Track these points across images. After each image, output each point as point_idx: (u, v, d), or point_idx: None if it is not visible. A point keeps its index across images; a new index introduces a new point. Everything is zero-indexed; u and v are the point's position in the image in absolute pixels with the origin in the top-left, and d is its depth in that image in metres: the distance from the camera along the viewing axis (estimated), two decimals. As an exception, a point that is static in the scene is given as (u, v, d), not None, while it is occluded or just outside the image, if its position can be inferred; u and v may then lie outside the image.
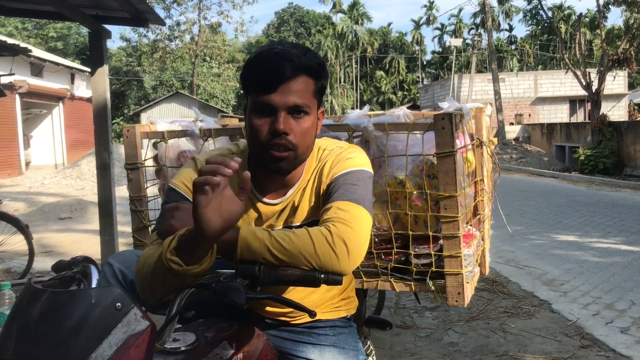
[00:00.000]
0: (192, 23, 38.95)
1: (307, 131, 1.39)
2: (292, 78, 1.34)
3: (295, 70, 1.34)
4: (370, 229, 1.40)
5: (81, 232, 7.87)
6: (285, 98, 1.34)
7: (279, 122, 1.34)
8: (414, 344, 3.66)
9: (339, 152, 1.50)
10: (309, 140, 1.41)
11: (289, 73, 1.33)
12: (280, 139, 1.35)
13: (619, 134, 16.84)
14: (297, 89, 1.35)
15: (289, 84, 1.34)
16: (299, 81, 1.35)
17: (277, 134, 1.34)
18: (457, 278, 1.82)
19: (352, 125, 1.90)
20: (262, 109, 1.36)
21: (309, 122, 1.39)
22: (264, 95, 1.34)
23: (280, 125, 1.34)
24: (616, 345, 3.56)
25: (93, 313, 1.01)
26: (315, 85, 1.40)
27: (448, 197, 1.78)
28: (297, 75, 1.35)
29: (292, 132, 1.36)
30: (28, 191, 13.49)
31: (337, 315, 1.63)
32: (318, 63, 1.40)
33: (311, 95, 1.39)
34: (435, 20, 59.48)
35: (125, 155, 2.23)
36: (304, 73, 1.36)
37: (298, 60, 1.35)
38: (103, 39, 5.03)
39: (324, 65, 1.43)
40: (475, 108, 2.17)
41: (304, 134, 1.38)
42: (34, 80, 18.91)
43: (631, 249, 6.24)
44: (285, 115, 1.35)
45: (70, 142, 21.73)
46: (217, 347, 1.21)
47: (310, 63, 1.38)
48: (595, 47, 34.97)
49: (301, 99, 1.35)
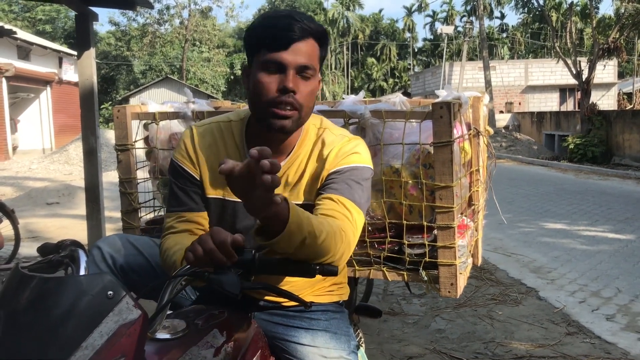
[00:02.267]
0: (182, 7, 38.55)
1: (312, 93, 1.43)
2: (302, 39, 1.38)
3: (306, 32, 1.38)
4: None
5: (69, 217, 7.81)
6: (296, 57, 1.37)
7: (289, 80, 1.36)
8: (402, 331, 3.69)
9: (344, 141, 1.50)
10: (311, 103, 1.44)
11: (301, 33, 1.37)
12: (288, 96, 1.37)
13: (608, 123, 16.94)
14: (306, 50, 1.39)
15: (300, 44, 1.37)
16: (309, 43, 1.39)
17: (286, 91, 1.37)
18: (450, 269, 1.82)
19: (349, 111, 1.87)
20: (272, 67, 1.38)
21: (314, 85, 1.43)
22: (275, 52, 1.37)
23: (290, 83, 1.36)
24: (602, 332, 3.61)
25: (84, 301, 0.99)
26: (320, 51, 1.44)
27: (444, 187, 1.77)
28: (307, 36, 1.39)
29: (299, 91, 1.38)
30: (15, 176, 13.36)
31: (329, 300, 1.63)
32: (324, 30, 1.45)
33: (317, 59, 1.43)
34: (427, 7, 59.29)
35: (116, 136, 2.20)
36: (312, 36, 1.40)
37: (307, 23, 1.39)
38: (90, 21, 4.95)
39: (327, 35, 1.48)
40: (473, 97, 2.15)
41: (309, 95, 1.41)
42: (20, 64, 18.64)
43: (618, 237, 6.30)
44: (294, 74, 1.38)
45: (58, 126, 21.51)
46: (207, 335, 1.21)
47: (317, 28, 1.42)
48: (586, 36, 35.01)
49: (310, 60, 1.39)
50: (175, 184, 1.52)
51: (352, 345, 1.59)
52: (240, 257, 1.21)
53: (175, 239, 1.44)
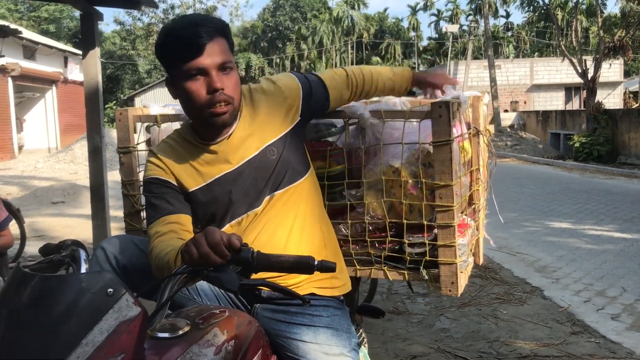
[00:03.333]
0: (187, 7, 38.61)
1: (237, 83, 1.53)
2: (211, 40, 1.46)
3: (211, 33, 1.46)
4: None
5: (74, 217, 7.85)
6: (213, 58, 1.46)
7: (214, 81, 1.46)
8: (406, 330, 3.69)
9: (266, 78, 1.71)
10: (239, 92, 1.56)
11: (207, 36, 1.45)
12: (220, 94, 1.47)
13: (613, 121, 16.87)
14: (219, 48, 1.48)
15: (211, 45, 1.46)
16: (218, 42, 1.48)
17: (216, 90, 1.46)
18: (450, 267, 1.81)
19: (348, 112, 1.87)
20: (195, 74, 1.47)
21: (236, 76, 1.54)
22: (192, 60, 1.45)
23: (217, 83, 1.46)
24: (607, 332, 3.60)
25: (84, 298, 1.00)
26: (228, 43, 1.53)
27: (443, 186, 1.77)
28: (213, 37, 1.47)
29: (226, 87, 1.48)
30: (21, 175, 13.43)
31: (330, 293, 1.65)
32: (224, 24, 1.54)
33: (229, 52, 1.52)
34: (432, 6, 59.12)
35: (118, 138, 2.21)
36: (217, 34, 1.49)
37: (210, 23, 1.48)
38: (95, 21, 4.97)
39: (228, 25, 1.58)
40: (473, 97, 2.14)
41: (235, 86, 1.52)
42: (26, 63, 18.74)
43: (624, 237, 6.28)
44: (217, 72, 1.47)
45: (64, 125, 21.60)
46: (208, 334, 1.21)
47: (219, 24, 1.51)
48: (591, 35, 34.87)
49: (224, 55, 1.49)
50: (151, 196, 1.59)
51: (353, 342, 1.60)
52: (238, 254, 1.21)
53: (164, 242, 1.47)
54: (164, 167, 1.60)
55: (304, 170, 1.67)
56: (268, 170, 1.59)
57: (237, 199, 1.58)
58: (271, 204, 1.59)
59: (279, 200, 1.60)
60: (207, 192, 1.58)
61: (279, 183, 1.60)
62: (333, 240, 1.77)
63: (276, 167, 1.59)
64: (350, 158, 1.94)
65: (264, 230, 1.59)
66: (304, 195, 1.65)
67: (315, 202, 1.71)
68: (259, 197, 1.59)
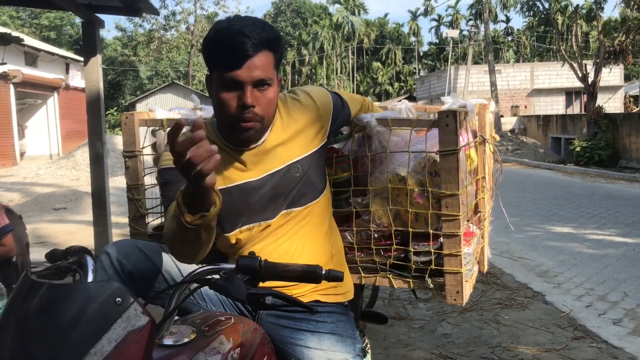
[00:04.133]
0: (188, 13, 38.71)
1: (272, 101, 1.49)
2: (255, 54, 1.42)
3: (257, 47, 1.42)
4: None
5: (76, 223, 7.85)
6: (250, 73, 1.42)
7: (247, 97, 1.43)
8: (408, 335, 3.69)
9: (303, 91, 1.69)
10: (273, 109, 1.52)
11: (252, 50, 1.41)
12: (248, 112, 1.44)
13: (614, 125, 16.87)
14: (260, 63, 1.43)
15: (254, 60, 1.42)
16: (261, 56, 1.44)
17: (245, 107, 1.44)
18: (456, 277, 1.81)
19: (354, 120, 1.88)
20: (229, 84, 1.44)
21: (273, 93, 1.49)
22: (230, 71, 1.42)
23: (248, 100, 1.43)
24: (609, 337, 3.60)
25: (92, 307, 1.00)
26: (275, 57, 1.49)
27: (450, 195, 1.76)
28: (259, 51, 1.43)
29: (258, 104, 1.45)
30: (22, 181, 13.44)
31: (334, 300, 1.66)
32: (275, 36, 1.49)
33: (272, 67, 1.48)
34: (432, 11, 59.19)
35: (124, 142, 2.20)
36: (265, 48, 1.44)
37: (258, 36, 1.42)
38: (96, 28, 5.00)
39: (280, 37, 1.52)
40: (479, 104, 2.14)
41: (269, 104, 1.48)
42: (28, 70, 18.78)
43: (625, 241, 6.28)
44: (251, 89, 1.44)
45: (66, 132, 21.63)
46: (214, 341, 1.21)
47: (268, 37, 1.45)
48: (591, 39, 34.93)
49: (264, 72, 1.44)
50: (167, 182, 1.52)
51: (358, 348, 1.60)
52: (245, 262, 1.22)
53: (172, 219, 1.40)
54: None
55: (322, 189, 1.69)
56: (289, 186, 1.59)
57: (254, 208, 1.58)
58: (286, 218, 1.60)
59: (295, 216, 1.61)
60: (225, 196, 1.53)
61: (298, 200, 1.61)
62: (340, 251, 1.78)
63: (298, 185, 1.59)
64: (357, 165, 1.94)
65: (273, 241, 1.60)
66: (318, 212, 1.67)
67: (327, 216, 1.73)
68: (275, 210, 1.59)
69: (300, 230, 1.62)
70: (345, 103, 1.78)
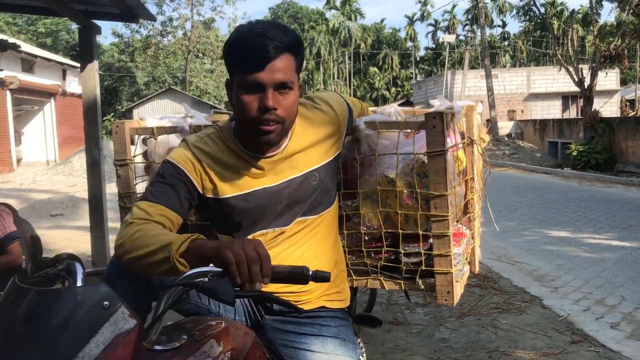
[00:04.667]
0: (185, 19, 38.75)
1: (293, 105, 1.47)
2: (277, 57, 1.41)
3: (279, 49, 1.41)
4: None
5: (73, 229, 7.84)
6: (272, 76, 1.41)
7: (268, 99, 1.41)
8: (406, 340, 3.68)
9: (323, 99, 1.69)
10: (294, 113, 1.50)
11: (274, 52, 1.40)
12: (270, 114, 1.42)
13: (610, 130, 16.91)
14: (281, 66, 1.42)
15: (275, 63, 1.41)
16: (283, 59, 1.43)
17: (267, 109, 1.42)
18: (446, 277, 1.82)
19: None
20: (251, 87, 1.42)
21: (294, 96, 1.47)
22: (251, 74, 1.41)
23: (270, 102, 1.41)
24: (606, 341, 3.59)
25: (80, 312, 1.01)
26: (296, 61, 1.48)
27: (438, 196, 1.78)
28: (280, 53, 1.42)
29: (280, 106, 1.44)
30: (19, 188, 13.42)
31: (337, 306, 1.68)
32: (296, 39, 1.48)
33: (293, 71, 1.47)
34: (429, 16, 59.49)
35: (115, 151, 2.22)
36: (286, 51, 1.44)
37: (280, 39, 1.42)
38: (93, 34, 5.00)
39: (301, 42, 1.52)
40: (467, 106, 2.16)
41: (290, 107, 1.46)
42: (25, 76, 18.79)
43: (622, 245, 6.28)
44: (273, 91, 1.42)
45: (62, 138, 21.63)
46: (204, 345, 1.21)
47: (290, 41, 1.45)
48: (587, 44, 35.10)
49: (286, 75, 1.43)
50: (163, 180, 1.49)
51: (358, 352, 1.63)
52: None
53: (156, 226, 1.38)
54: (197, 168, 1.52)
55: (335, 196, 1.70)
56: (306, 194, 1.58)
57: (269, 215, 1.57)
58: (300, 226, 1.60)
59: (309, 224, 1.61)
60: (242, 202, 1.54)
61: (314, 209, 1.61)
62: (341, 257, 1.80)
63: (315, 193, 1.60)
64: (346, 169, 1.95)
65: (287, 247, 1.60)
66: (329, 220, 1.68)
67: (335, 224, 1.74)
68: (291, 217, 1.59)
69: (313, 238, 1.63)
70: (351, 109, 1.80)
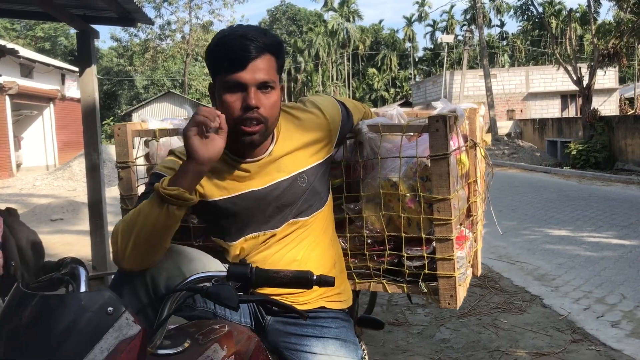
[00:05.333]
0: (184, 22, 38.74)
1: (275, 104, 1.50)
2: (258, 56, 1.44)
3: (260, 49, 1.45)
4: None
5: (73, 234, 7.84)
6: (254, 75, 1.44)
7: (251, 98, 1.44)
8: (406, 341, 3.68)
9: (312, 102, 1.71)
10: (276, 113, 1.52)
11: (255, 52, 1.44)
12: (253, 112, 1.45)
13: (610, 128, 16.93)
14: (263, 66, 1.45)
15: (256, 62, 1.44)
16: (264, 59, 1.46)
17: (250, 108, 1.44)
18: (449, 280, 1.81)
19: None
20: (233, 87, 1.45)
21: (276, 96, 1.50)
22: (234, 73, 1.44)
23: (252, 100, 1.44)
24: (607, 339, 3.60)
25: (84, 317, 1.01)
26: (277, 62, 1.51)
27: (441, 200, 1.77)
28: (262, 53, 1.45)
29: (262, 105, 1.46)
30: (19, 193, 13.42)
31: (338, 306, 1.69)
32: (277, 41, 1.52)
33: (275, 71, 1.50)
34: (427, 16, 59.46)
35: (116, 153, 2.21)
36: (267, 51, 1.47)
37: (261, 39, 1.45)
38: (91, 39, 5.01)
39: (281, 43, 1.55)
40: (469, 109, 2.15)
41: (273, 107, 1.49)
42: (23, 81, 18.76)
43: (622, 243, 6.28)
44: (255, 90, 1.45)
45: (62, 143, 21.61)
46: (208, 350, 1.21)
47: (270, 42, 1.48)
48: (586, 42, 35.10)
49: (268, 75, 1.46)
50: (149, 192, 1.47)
51: (359, 354, 1.63)
52: (237, 270, 1.23)
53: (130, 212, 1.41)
54: None
55: (326, 198, 1.70)
56: (295, 196, 1.59)
57: (259, 217, 1.58)
58: (291, 228, 1.61)
59: (301, 226, 1.62)
60: (230, 205, 1.55)
61: (304, 210, 1.62)
62: (341, 258, 1.80)
63: (304, 195, 1.60)
64: (349, 172, 1.95)
65: (279, 249, 1.61)
66: (323, 220, 1.68)
67: (330, 224, 1.74)
68: (281, 220, 1.60)
69: (306, 239, 1.63)
70: (350, 114, 1.80)
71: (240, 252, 1.60)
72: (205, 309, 1.53)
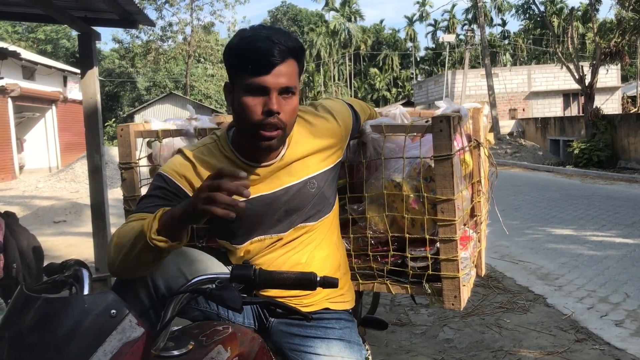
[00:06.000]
0: (185, 24, 38.77)
1: (295, 110, 1.48)
2: (282, 61, 1.42)
3: (285, 54, 1.42)
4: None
5: (76, 235, 7.85)
6: (277, 80, 1.41)
7: (273, 103, 1.41)
8: (410, 341, 3.68)
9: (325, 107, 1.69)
10: (294, 118, 1.51)
11: (280, 57, 1.41)
12: (273, 118, 1.42)
13: (612, 127, 16.89)
14: (286, 71, 1.43)
15: (281, 67, 1.41)
16: (288, 64, 1.43)
17: (271, 113, 1.42)
18: (453, 281, 1.81)
19: None
20: (255, 90, 1.42)
21: (296, 102, 1.48)
22: (257, 77, 1.41)
23: (274, 105, 1.41)
24: (611, 339, 3.59)
25: (87, 320, 1.01)
26: (298, 67, 1.49)
27: (445, 201, 1.76)
28: (286, 58, 1.43)
29: (283, 111, 1.44)
30: (22, 195, 13.44)
31: (342, 307, 1.68)
32: (300, 46, 1.49)
33: (296, 76, 1.48)
34: (428, 16, 59.42)
35: (119, 154, 2.21)
36: (291, 56, 1.44)
37: (285, 43, 1.42)
38: (92, 41, 5.02)
39: (303, 47, 1.52)
40: (473, 109, 2.14)
41: (292, 112, 1.47)
42: (26, 84, 18.81)
43: (625, 242, 6.27)
44: (277, 96, 1.42)
45: (64, 145, 21.64)
46: (212, 351, 1.21)
47: (294, 46, 1.46)
48: (588, 41, 35.04)
49: (290, 80, 1.44)
50: (155, 192, 1.49)
51: (364, 354, 1.63)
52: (240, 272, 1.22)
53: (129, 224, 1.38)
54: (189, 174, 1.51)
55: (334, 202, 1.70)
56: (304, 201, 1.58)
57: (266, 221, 1.57)
58: (299, 232, 1.61)
59: (308, 230, 1.62)
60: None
61: (312, 216, 1.61)
62: (345, 259, 1.80)
63: (312, 200, 1.59)
64: (352, 172, 1.94)
65: (284, 252, 1.60)
66: (329, 223, 1.68)
67: (336, 226, 1.74)
68: (289, 224, 1.59)
69: (311, 243, 1.63)
70: (358, 116, 1.80)
71: (245, 254, 1.60)
72: (209, 310, 1.52)
